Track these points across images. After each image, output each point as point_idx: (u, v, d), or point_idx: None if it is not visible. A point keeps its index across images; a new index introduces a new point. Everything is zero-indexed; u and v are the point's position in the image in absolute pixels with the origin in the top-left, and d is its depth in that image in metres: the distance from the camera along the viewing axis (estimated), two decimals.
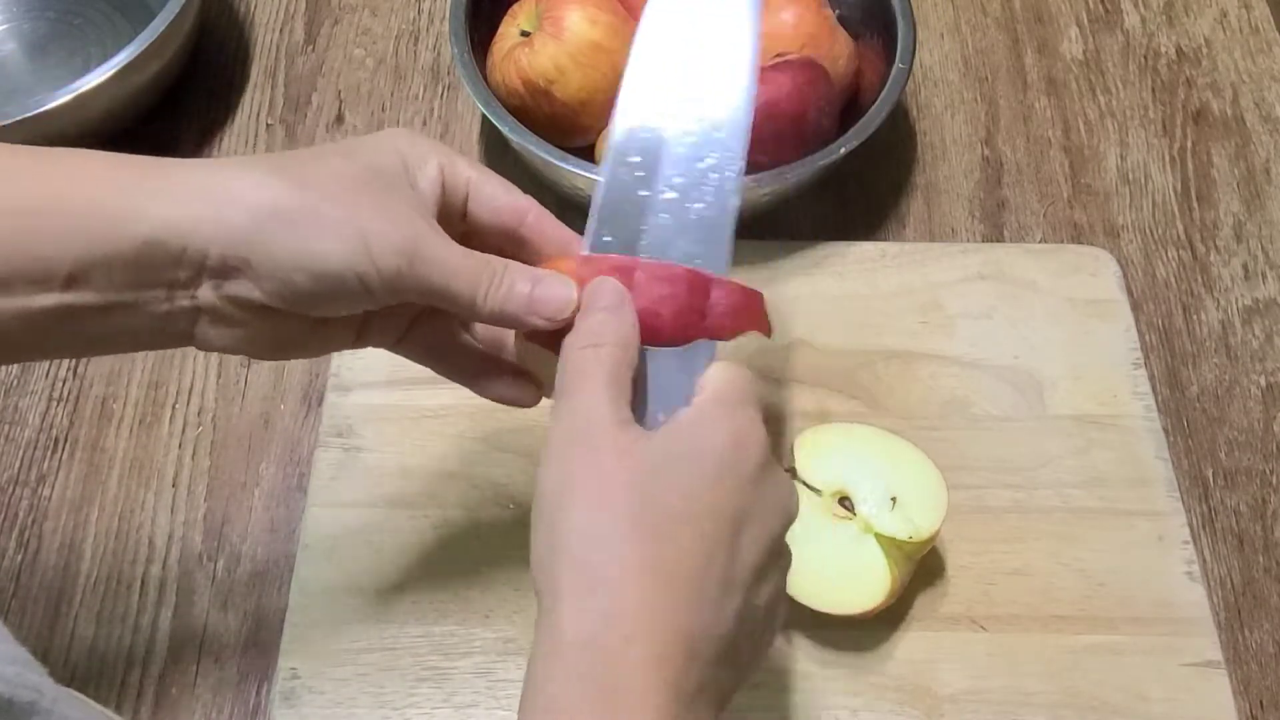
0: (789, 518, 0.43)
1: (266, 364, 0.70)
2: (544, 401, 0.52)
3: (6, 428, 0.68)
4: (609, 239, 0.45)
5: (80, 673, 0.60)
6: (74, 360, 0.70)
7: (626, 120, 0.47)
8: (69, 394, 0.69)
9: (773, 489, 0.42)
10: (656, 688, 0.37)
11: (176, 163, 0.43)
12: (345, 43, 0.85)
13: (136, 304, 0.41)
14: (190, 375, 0.70)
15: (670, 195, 0.45)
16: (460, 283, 0.43)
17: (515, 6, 0.74)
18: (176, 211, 0.40)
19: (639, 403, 0.43)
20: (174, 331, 0.42)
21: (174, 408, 0.68)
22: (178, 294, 0.41)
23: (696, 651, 0.38)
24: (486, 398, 0.51)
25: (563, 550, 0.38)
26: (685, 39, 0.48)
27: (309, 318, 0.44)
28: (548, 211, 0.48)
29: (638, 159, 0.46)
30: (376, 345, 0.50)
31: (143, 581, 0.63)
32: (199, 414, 0.68)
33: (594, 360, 0.41)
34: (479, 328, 0.51)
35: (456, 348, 0.51)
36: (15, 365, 0.70)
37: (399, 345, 0.50)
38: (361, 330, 0.48)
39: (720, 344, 0.45)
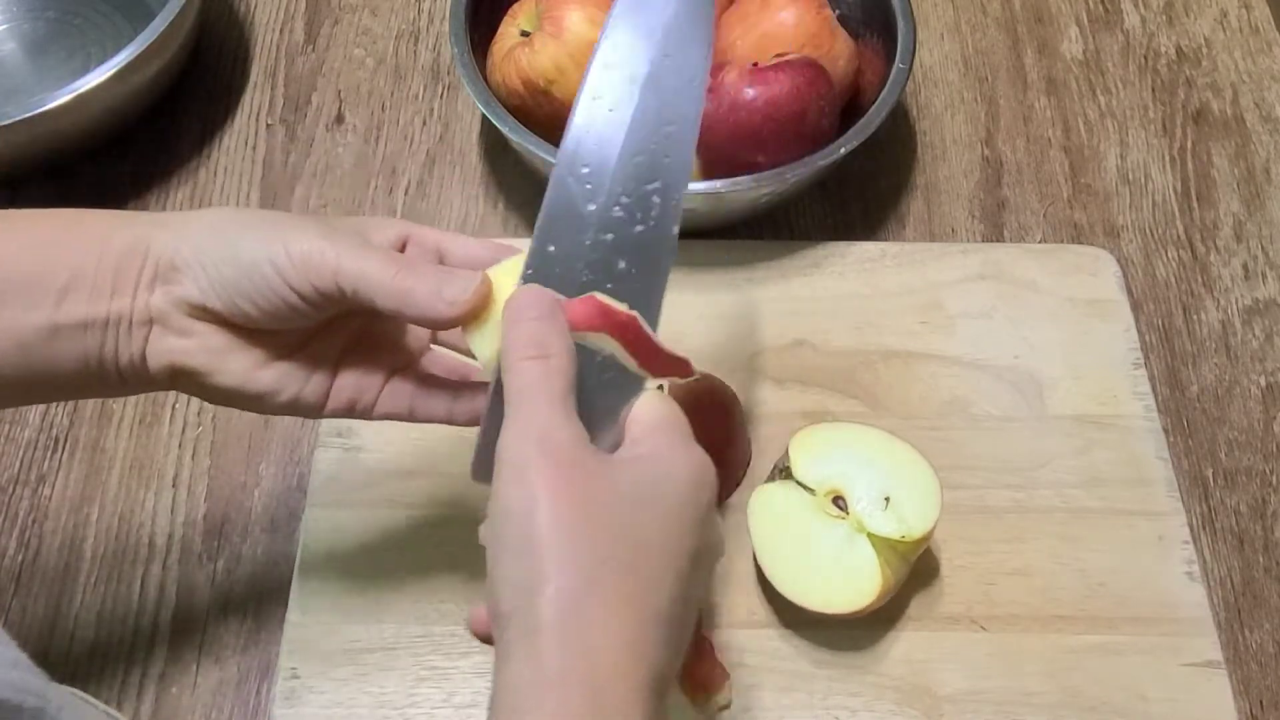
0: (720, 555, 0.44)
1: None
2: None
3: (6, 428, 0.68)
4: (552, 249, 0.45)
5: (80, 673, 0.60)
6: None
7: (580, 129, 0.47)
8: None
9: (717, 530, 0.43)
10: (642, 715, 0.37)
11: (155, 214, 0.49)
12: (345, 43, 0.85)
13: (106, 321, 0.45)
14: None
15: (617, 214, 0.45)
16: (369, 267, 0.44)
17: (515, 6, 0.74)
18: (145, 230, 0.46)
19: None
20: (131, 351, 0.46)
21: (174, 408, 0.68)
22: (138, 299, 0.46)
23: (661, 682, 0.39)
24: (461, 421, 0.51)
25: (542, 577, 0.37)
26: (643, 50, 0.47)
27: (251, 339, 0.47)
28: (519, 251, 0.49)
29: (586, 170, 0.46)
30: (321, 402, 0.50)
31: (143, 581, 0.63)
32: (199, 414, 0.68)
33: (543, 372, 0.41)
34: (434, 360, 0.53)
35: (419, 378, 0.52)
36: None
37: (353, 395, 0.50)
38: (313, 356, 0.49)
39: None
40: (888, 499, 0.57)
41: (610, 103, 0.46)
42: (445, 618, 0.60)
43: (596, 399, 0.43)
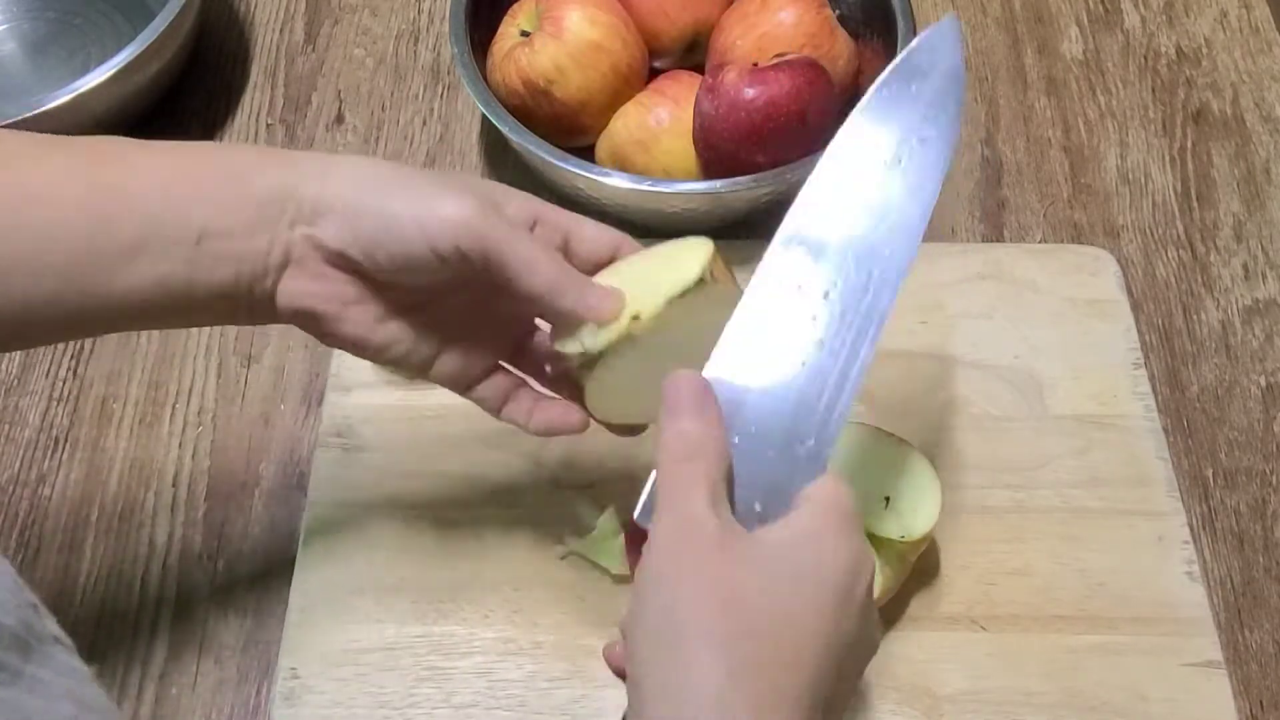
0: (874, 652, 0.43)
1: (266, 364, 0.70)
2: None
3: (6, 428, 0.68)
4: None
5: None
6: (74, 360, 0.70)
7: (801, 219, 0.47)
8: (69, 394, 0.69)
9: (873, 624, 0.42)
10: None
11: (289, 151, 0.50)
12: (345, 43, 0.85)
13: (239, 258, 0.46)
14: (190, 375, 0.70)
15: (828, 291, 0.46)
16: (520, 250, 0.46)
17: (515, 6, 0.74)
18: (288, 175, 0.47)
19: (733, 494, 0.43)
20: (263, 289, 0.47)
21: (174, 408, 0.68)
22: (277, 239, 0.46)
23: None
24: (537, 429, 0.52)
25: (683, 661, 0.37)
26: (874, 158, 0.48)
27: (379, 293, 0.48)
28: (636, 244, 0.50)
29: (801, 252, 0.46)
30: (443, 366, 0.51)
31: (143, 581, 0.63)
32: (199, 414, 0.68)
33: (692, 475, 0.41)
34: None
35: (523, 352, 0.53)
36: (15, 366, 0.70)
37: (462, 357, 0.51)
38: (428, 321, 0.50)
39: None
40: (888, 499, 0.57)
41: (838, 201, 0.47)
42: (445, 618, 0.60)
43: (766, 476, 0.43)
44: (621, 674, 0.41)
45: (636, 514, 0.43)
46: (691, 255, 0.47)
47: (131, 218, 0.45)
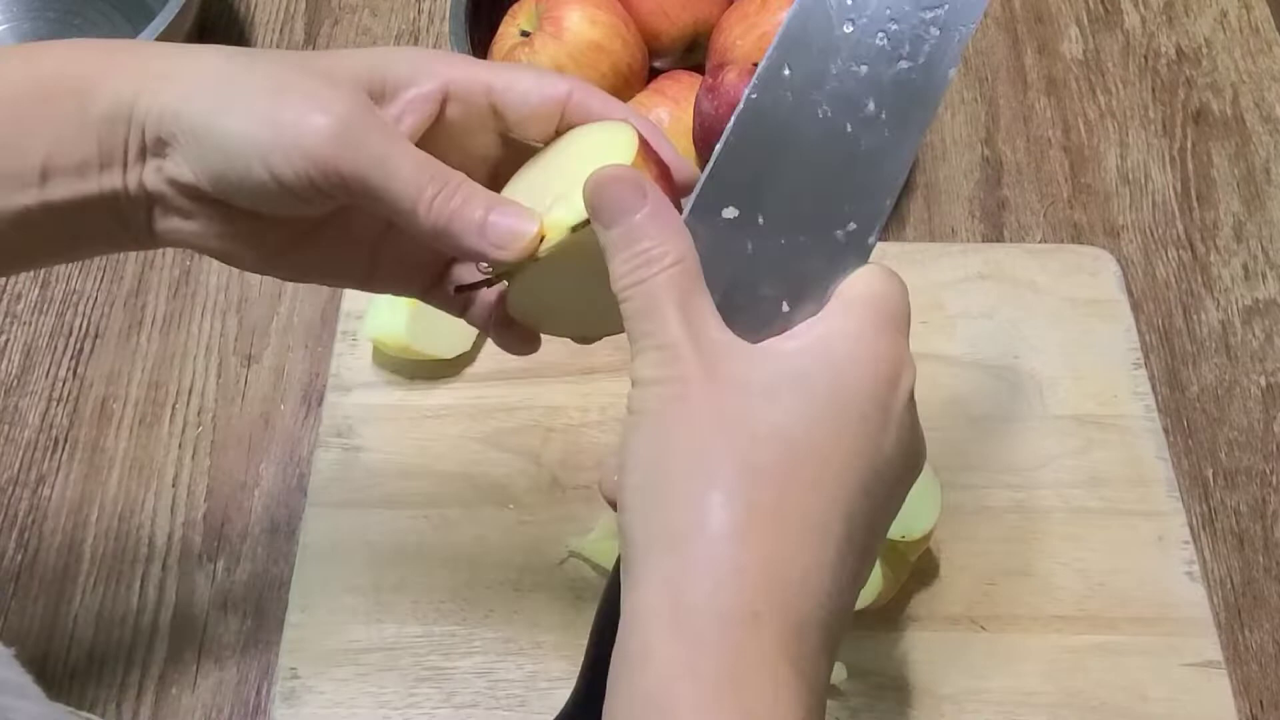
0: (919, 472, 0.38)
1: (266, 364, 0.70)
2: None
3: (6, 428, 0.68)
4: (787, 72, 0.37)
5: (80, 673, 0.60)
6: (74, 360, 0.70)
7: None
8: (69, 394, 0.69)
9: (916, 434, 0.36)
10: (787, 681, 0.32)
11: (148, 45, 0.42)
12: (345, 43, 0.85)
13: (102, 196, 0.39)
14: (190, 375, 0.70)
15: (879, 42, 0.37)
16: (399, 184, 0.37)
17: (515, 6, 0.74)
18: (127, 87, 0.39)
19: (752, 294, 0.36)
20: (139, 226, 0.41)
21: (174, 408, 0.68)
22: (129, 175, 0.39)
23: (832, 626, 0.33)
24: (494, 340, 0.46)
25: (654, 497, 0.33)
26: None
27: (259, 220, 0.40)
28: (591, 87, 0.41)
29: None
30: (346, 272, 0.44)
31: (143, 581, 0.63)
32: (199, 414, 0.68)
33: (649, 297, 0.35)
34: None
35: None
36: (15, 366, 0.70)
37: (387, 275, 0.44)
38: (339, 248, 0.43)
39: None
40: None
41: None
42: (445, 618, 0.60)
43: (797, 268, 0.37)
44: (614, 503, 0.36)
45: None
46: (614, 148, 0.38)
47: None
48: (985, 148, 0.80)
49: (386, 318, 0.64)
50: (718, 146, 0.38)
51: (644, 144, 0.38)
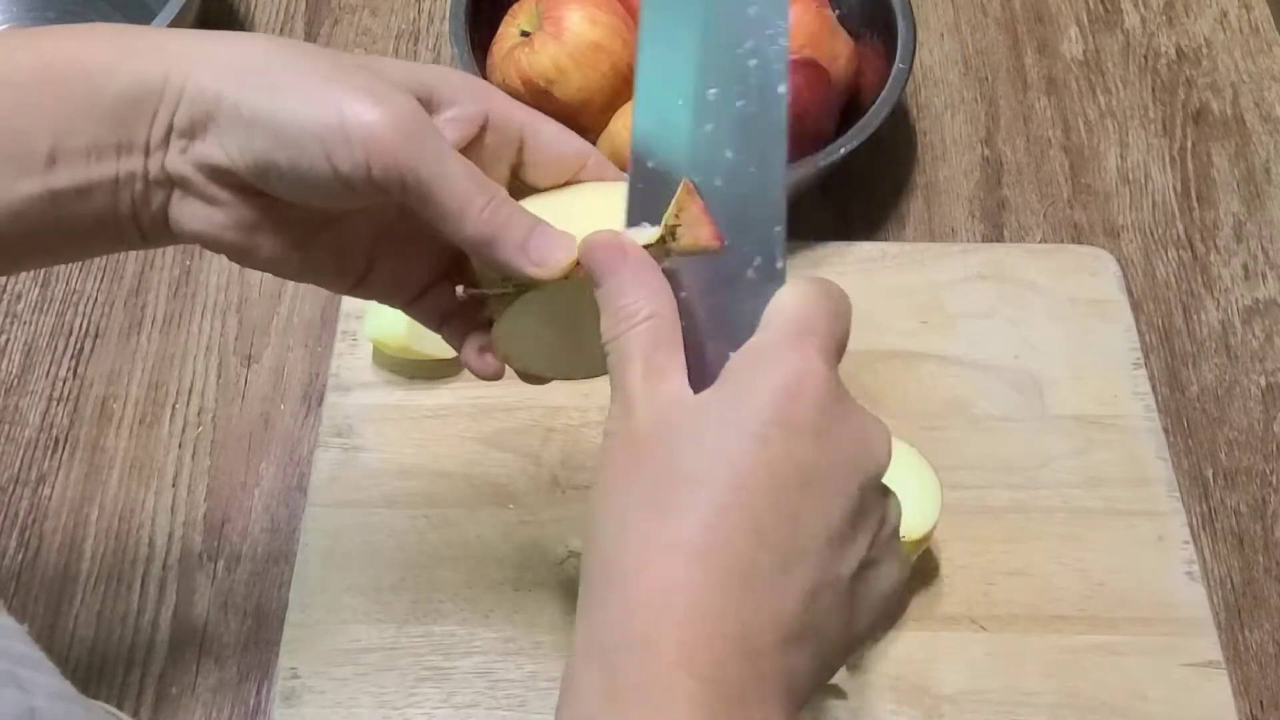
0: (873, 467, 0.36)
1: (266, 364, 0.70)
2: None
3: (6, 428, 0.68)
4: (651, 164, 0.39)
5: (80, 673, 0.60)
6: (74, 360, 0.70)
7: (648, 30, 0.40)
8: (69, 394, 0.69)
9: (844, 438, 0.35)
10: (687, 691, 0.32)
11: (161, 30, 0.42)
12: (345, 43, 0.85)
13: (115, 181, 0.39)
14: (190, 375, 0.70)
15: (711, 96, 0.39)
16: (453, 187, 0.38)
17: (515, 6, 0.74)
18: (153, 68, 0.38)
19: (711, 351, 0.38)
20: (150, 215, 0.40)
21: (174, 408, 0.68)
22: (150, 161, 0.39)
23: (749, 640, 0.33)
24: (465, 360, 0.46)
25: (591, 539, 0.36)
26: None
27: (285, 212, 0.40)
28: (605, 159, 0.44)
29: (665, 65, 0.39)
30: (350, 280, 0.44)
31: (143, 581, 0.63)
32: (199, 414, 0.68)
33: (622, 348, 0.37)
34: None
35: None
36: (15, 366, 0.70)
37: (378, 282, 0.45)
38: (353, 241, 0.43)
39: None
40: None
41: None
42: (445, 618, 0.60)
43: (729, 319, 0.38)
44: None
45: None
46: (615, 210, 0.40)
47: None
48: (985, 148, 0.80)
49: (386, 318, 0.64)
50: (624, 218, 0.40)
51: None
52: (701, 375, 0.37)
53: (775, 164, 0.38)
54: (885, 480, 0.38)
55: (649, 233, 0.39)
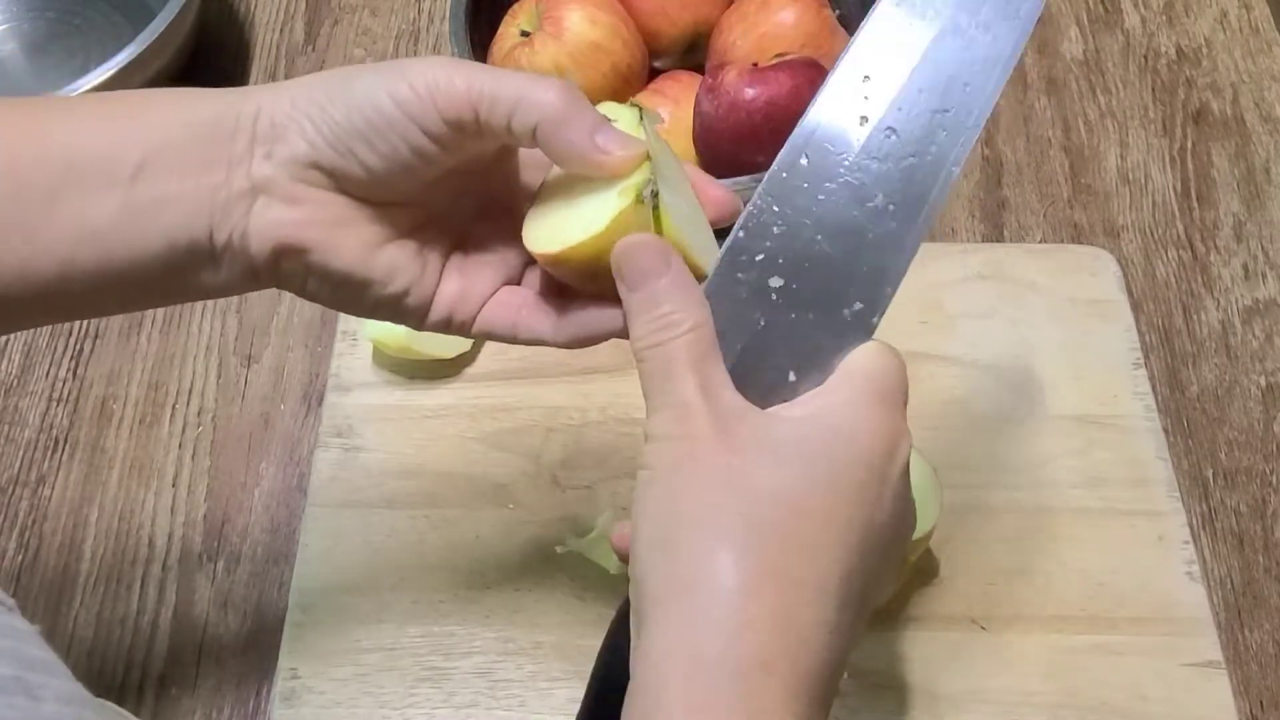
0: (909, 539, 0.40)
1: (266, 364, 0.70)
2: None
3: (6, 428, 0.68)
4: (804, 161, 0.40)
5: (80, 673, 0.59)
6: (74, 360, 0.70)
7: (874, 31, 0.41)
8: (69, 394, 0.69)
9: (910, 507, 0.39)
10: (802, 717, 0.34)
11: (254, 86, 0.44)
12: (345, 43, 0.85)
13: (196, 192, 0.40)
14: (190, 375, 0.70)
15: (890, 140, 0.40)
16: (513, 80, 0.39)
17: (515, 6, 0.74)
18: (236, 97, 0.41)
19: (762, 362, 0.39)
20: (230, 229, 0.41)
21: (174, 408, 0.68)
22: (234, 174, 0.40)
23: (837, 672, 0.36)
24: (566, 338, 0.44)
25: (676, 544, 0.35)
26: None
27: (367, 211, 0.42)
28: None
29: (869, 77, 0.40)
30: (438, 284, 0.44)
31: (143, 581, 0.63)
32: (199, 414, 0.68)
33: (669, 358, 0.37)
34: None
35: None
36: (15, 366, 0.70)
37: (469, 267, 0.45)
38: (427, 238, 0.44)
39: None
40: None
41: (917, 11, 0.41)
42: (445, 618, 0.60)
43: (804, 341, 0.39)
44: (624, 555, 0.39)
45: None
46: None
47: (54, 156, 0.39)
48: (985, 148, 0.80)
49: None
50: (737, 224, 0.41)
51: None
52: (750, 386, 0.38)
53: (918, 229, 0.40)
54: None
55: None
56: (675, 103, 0.71)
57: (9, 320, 0.42)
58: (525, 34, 0.72)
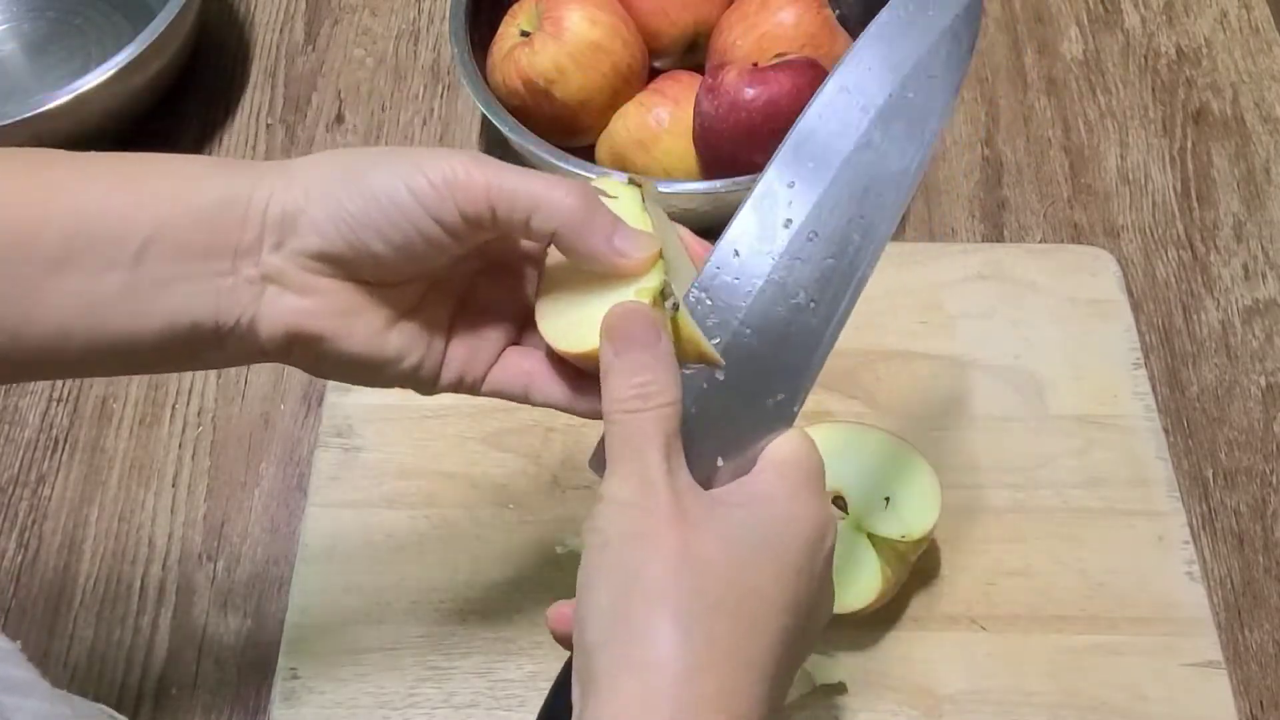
0: (825, 623, 0.42)
1: (267, 364, 0.70)
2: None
3: (6, 428, 0.68)
4: (736, 256, 0.43)
5: (80, 673, 0.60)
6: None
7: (801, 137, 0.44)
8: (69, 394, 0.69)
9: (830, 591, 0.42)
10: None
11: (266, 162, 0.44)
12: (345, 43, 0.85)
13: (202, 277, 0.40)
14: (190, 375, 0.70)
15: (810, 241, 0.43)
16: (531, 181, 0.40)
17: (515, 6, 0.74)
18: (246, 180, 0.41)
19: (692, 447, 0.40)
20: (237, 316, 0.41)
21: (174, 408, 0.68)
22: (242, 263, 0.40)
23: None
24: (580, 412, 0.46)
25: (637, 621, 0.36)
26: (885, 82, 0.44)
27: (377, 296, 0.42)
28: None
29: (792, 185, 0.43)
30: (444, 374, 0.45)
31: (143, 582, 0.63)
32: (199, 414, 0.68)
33: (643, 428, 0.38)
34: None
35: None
36: None
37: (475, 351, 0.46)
38: (433, 317, 0.45)
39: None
40: (888, 499, 0.57)
41: (837, 127, 0.43)
42: (445, 618, 0.60)
43: (731, 428, 0.41)
44: (566, 640, 0.39)
45: (590, 459, 0.41)
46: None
47: (56, 224, 0.38)
48: (985, 148, 0.80)
49: None
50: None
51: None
52: (688, 467, 0.40)
53: (835, 325, 0.43)
54: (885, 480, 0.46)
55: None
56: (675, 103, 0.71)
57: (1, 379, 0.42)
58: (525, 34, 0.72)
